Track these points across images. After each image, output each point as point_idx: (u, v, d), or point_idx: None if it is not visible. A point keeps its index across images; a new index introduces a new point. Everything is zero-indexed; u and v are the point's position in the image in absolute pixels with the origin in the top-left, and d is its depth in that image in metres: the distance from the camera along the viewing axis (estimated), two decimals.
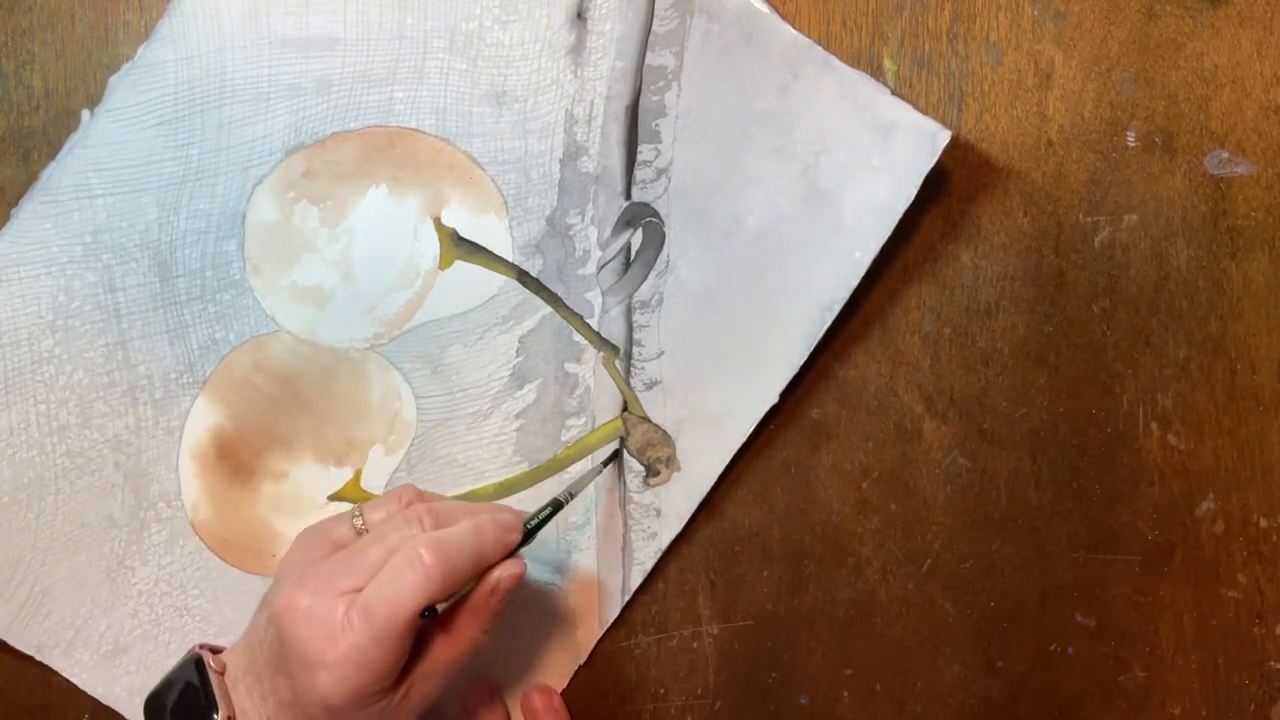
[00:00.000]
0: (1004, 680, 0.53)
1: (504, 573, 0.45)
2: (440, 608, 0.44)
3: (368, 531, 0.45)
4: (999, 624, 0.53)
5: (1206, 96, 0.51)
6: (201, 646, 0.47)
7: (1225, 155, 0.52)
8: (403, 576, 0.42)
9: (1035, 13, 0.52)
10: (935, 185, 0.52)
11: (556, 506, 0.49)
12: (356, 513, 0.46)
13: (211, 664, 0.46)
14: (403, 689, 0.44)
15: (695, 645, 0.54)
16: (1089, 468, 0.53)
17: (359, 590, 0.43)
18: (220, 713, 0.44)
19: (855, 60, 0.52)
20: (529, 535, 0.47)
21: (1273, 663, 0.53)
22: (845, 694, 0.54)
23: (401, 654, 0.43)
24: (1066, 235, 0.52)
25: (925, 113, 0.50)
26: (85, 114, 0.52)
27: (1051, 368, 0.52)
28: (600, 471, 0.52)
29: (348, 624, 0.42)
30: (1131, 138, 0.52)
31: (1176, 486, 0.53)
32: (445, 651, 0.45)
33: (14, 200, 0.52)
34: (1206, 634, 0.53)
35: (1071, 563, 0.53)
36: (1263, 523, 0.52)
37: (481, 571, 0.45)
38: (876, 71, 0.52)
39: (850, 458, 0.53)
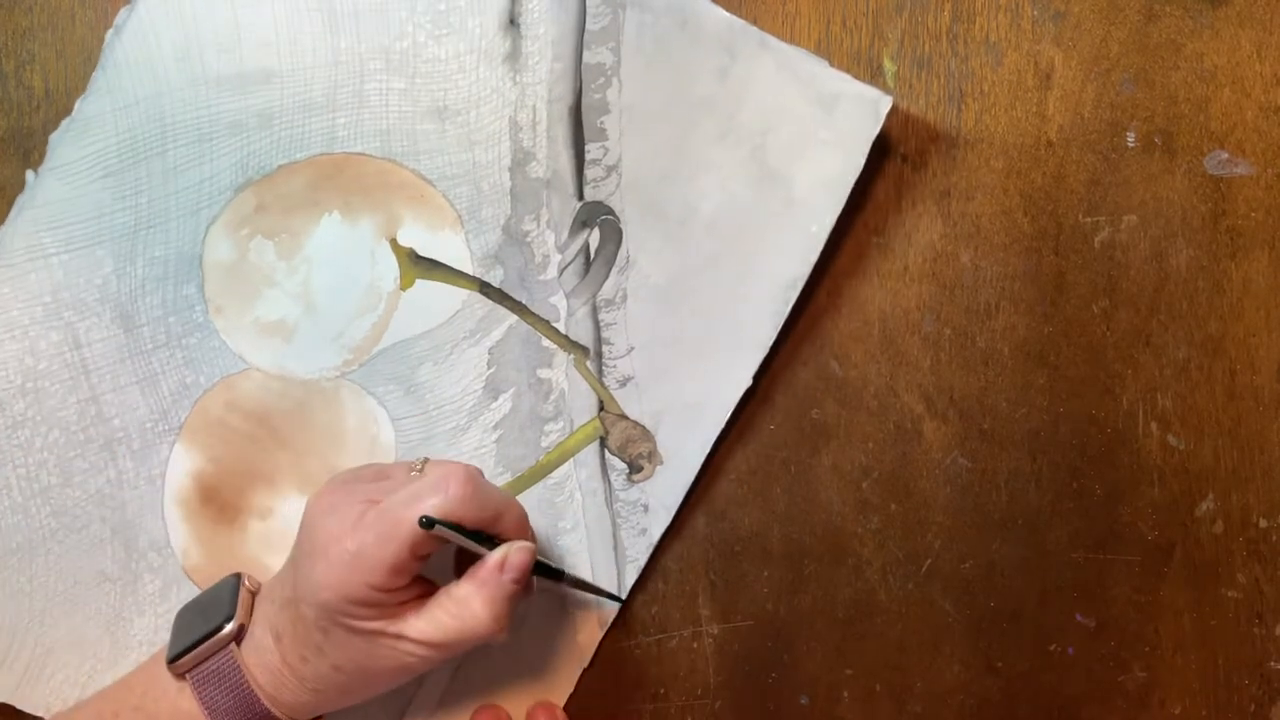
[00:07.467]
0: (1004, 680, 0.53)
1: (513, 548, 0.46)
2: (441, 531, 0.44)
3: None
4: (999, 624, 0.53)
5: (1206, 97, 0.51)
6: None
7: (1225, 155, 0.52)
8: (424, 492, 0.44)
9: (1035, 13, 0.52)
10: (934, 184, 0.52)
11: (558, 574, 0.50)
12: (417, 466, 0.48)
13: (246, 582, 0.48)
14: (394, 624, 0.45)
15: (695, 645, 0.54)
16: (1089, 468, 0.53)
17: None
18: (234, 621, 0.46)
19: (855, 60, 0.52)
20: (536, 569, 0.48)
21: (1273, 663, 0.53)
22: (845, 694, 0.54)
23: (400, 565, 0.44)
24: (1066, 235, 0.52)
25: (925, 113, 0.50)
26: (30, 174, 0.51)
27: (1051, 368, 0.52)
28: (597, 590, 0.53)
29: (362, 522, 0.44)
30: (1131, 138, 0.52)
31: (1176, 486, 0.53)
32: (449, 619, 0.46)
33: (14, 200, 0.52)
34: (1206, 634, 0.53)
35: (1071, 563, 0.53)
36: (1263, 523, 0.52)
37: (493, 534, 0.46)
38: (876, 72, 0.52)
39: (850, 458, 0.53)
